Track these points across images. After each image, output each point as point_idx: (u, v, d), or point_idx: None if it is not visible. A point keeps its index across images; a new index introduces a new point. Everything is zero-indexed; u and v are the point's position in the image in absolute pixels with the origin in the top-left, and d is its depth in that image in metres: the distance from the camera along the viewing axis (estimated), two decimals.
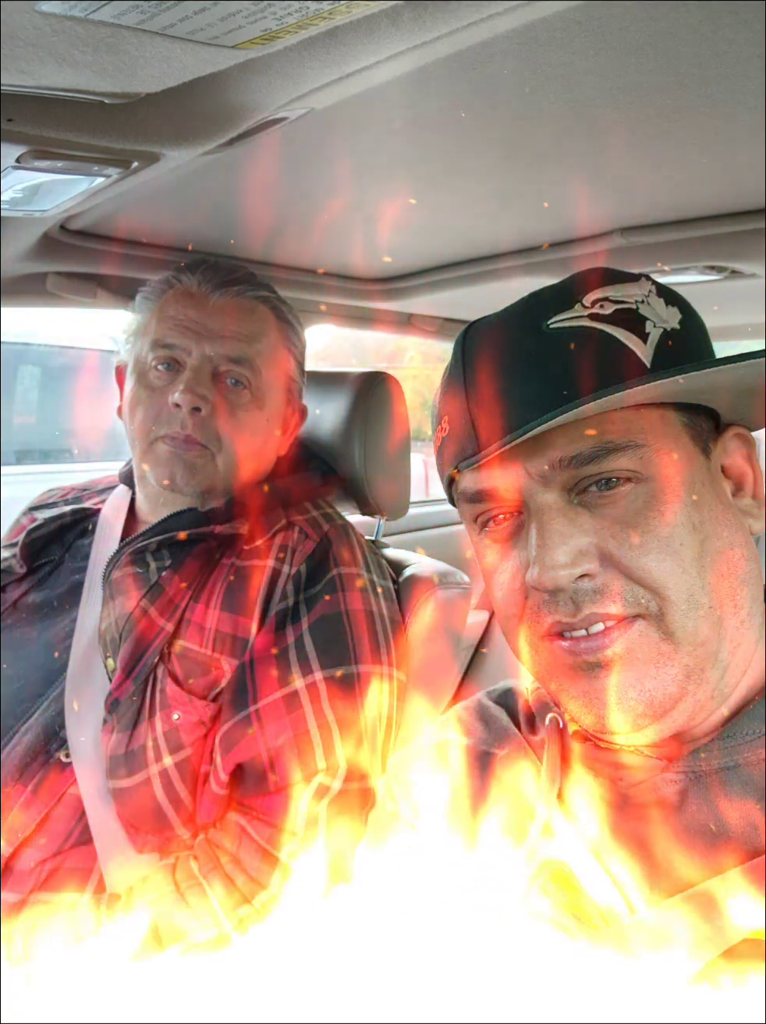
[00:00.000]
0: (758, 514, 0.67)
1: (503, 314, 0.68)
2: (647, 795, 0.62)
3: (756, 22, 0.67)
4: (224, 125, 0.81)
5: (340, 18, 0.60)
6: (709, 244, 1.27)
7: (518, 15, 0.64)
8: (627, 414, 0.61)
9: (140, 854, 1.05)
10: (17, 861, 1.04)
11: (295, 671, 1.08)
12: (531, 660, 0.65)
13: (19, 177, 0.89)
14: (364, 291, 1.69)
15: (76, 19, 0.57)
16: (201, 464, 1.17)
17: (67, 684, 1.12)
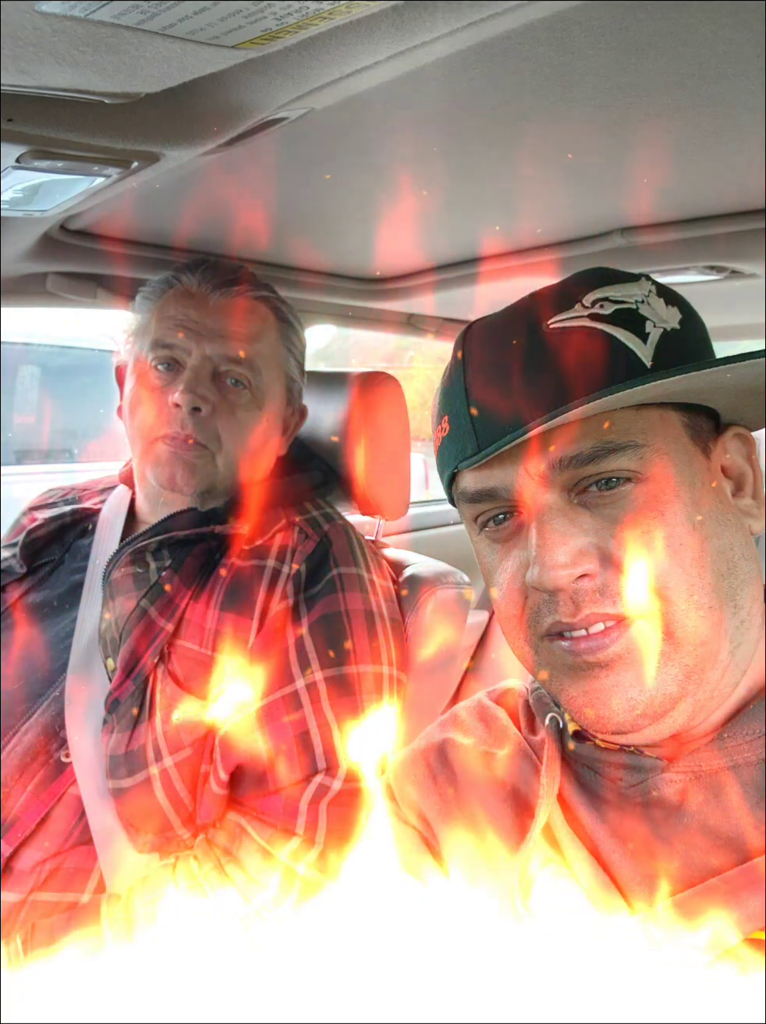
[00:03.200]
0: (758, 514, 0.67)
1: (503, 314, 0.68)
2: (647, 795, 0.62)
3: (756, 22, 0.67)
4: (224, 125, 0.81)
5: (340, 18, 0.60)
6: (709, 244, 1.27)
7: (518, 15, 0.64)
8: (627, 414, 0.61)
9: (140, 854, 1.05)
10: (17, 861, 1.04)
11: (295, 671, 1.08)
12: (531, 660, 0.65)
13: (19, 177, 0.89)
14: (364, 291, 1.69)
15: (76, 19, 0.57)
16: (201, 464, 1.17)
17: (67, 684, 1.12)
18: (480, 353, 0.66)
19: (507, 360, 0.64)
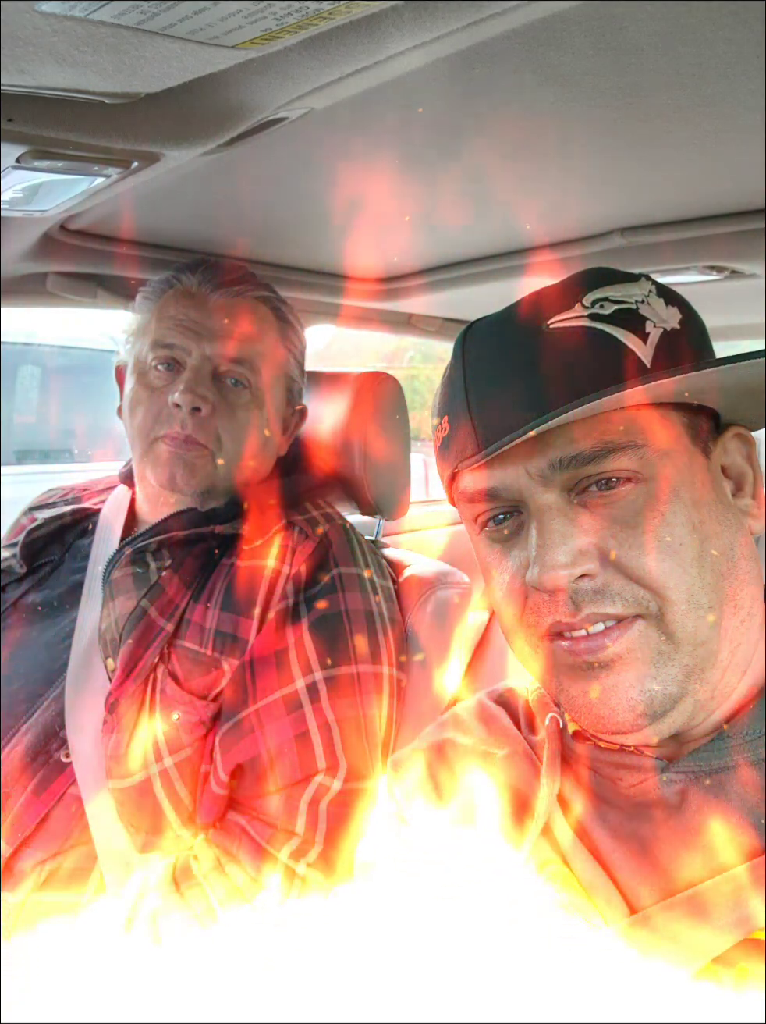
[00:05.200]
0: (758, 514, 0.67)
1: (503, 314, 0.68)
2: (647, 795, 0.62)
3: (756, 22, 0.67)
4: (224, 125, 0.81)
5: (340, 18, 0.60)
6: (709, 244, 1.27)
7: (518, 15, 0.64)
8: (627, 414, 0.60)
9: (140, 854, 1.05)
10: (17, 861, 1.04)
11: (295, 671, 1.08)
12: (531, 660, 0.65)
13: (19, 177, 0.89)
14: (364, 291, 1.69)
15: (76, 19, 0.57)
16: (201, 464, 1.17)
17: (67, 684, 1.12)
18: (480, 353, 0.66)
19: (507, 360, 0.64)
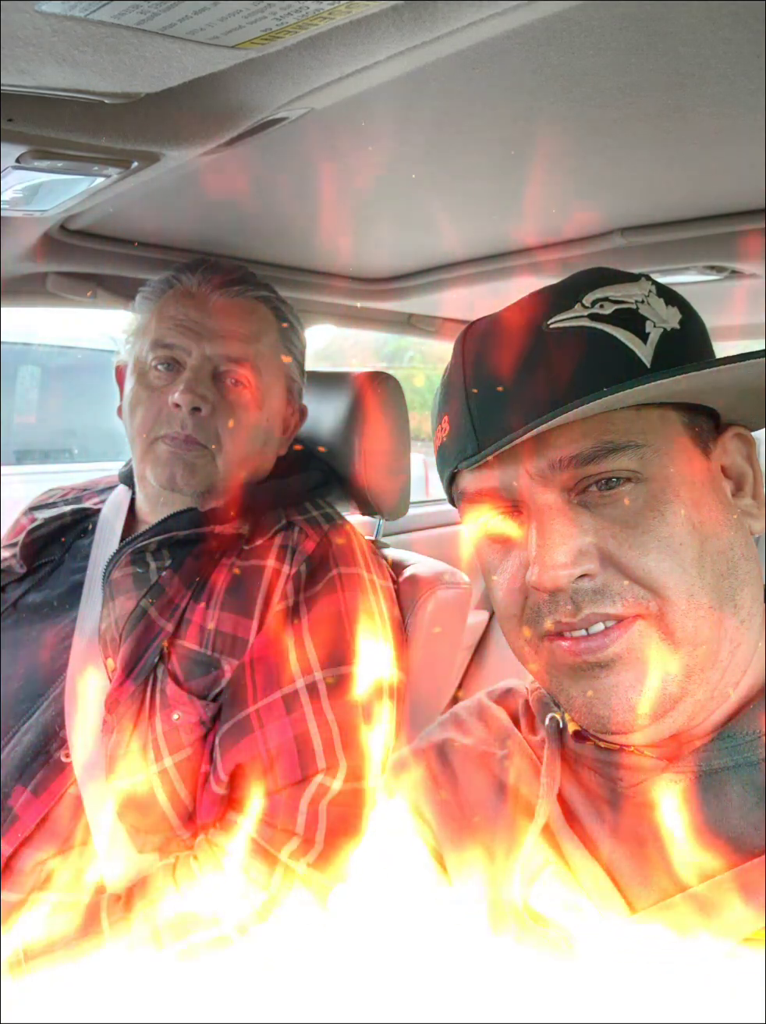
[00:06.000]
0: (758, 514, 0.67)
1: (503, 314, 0.67)
2: (647, 795, 0.62)
3: (756, 22, 0.67)
4: (224, 125, 0.81)
5: (340, 18, 0.60)
6: (709, 244, 1.27)
7: (518, 15, 0.64)
8: (627, 414, 0.60)
9: (140, 854, 1.05)
10: (17, 861, 1.04)
11: (295, 671, 1.08)
12: (531, 660, 0.65)
13: (19, 177, 0.89)
14: (364, 291, 1.69)
15: (76, 19, 0.57)
16: (201, 464, 1.17)
17: (67, 684, 1.12)
18: (480, 353, 0.66)
19: (507, 360, 0.64)
